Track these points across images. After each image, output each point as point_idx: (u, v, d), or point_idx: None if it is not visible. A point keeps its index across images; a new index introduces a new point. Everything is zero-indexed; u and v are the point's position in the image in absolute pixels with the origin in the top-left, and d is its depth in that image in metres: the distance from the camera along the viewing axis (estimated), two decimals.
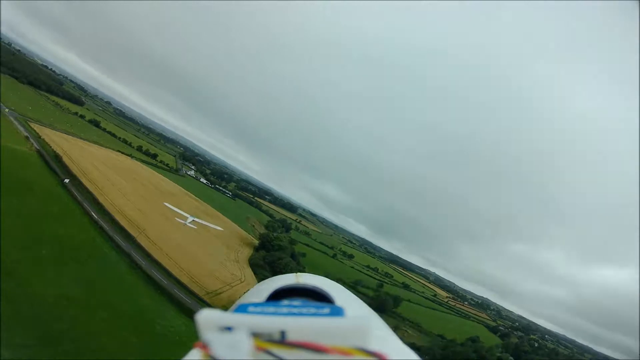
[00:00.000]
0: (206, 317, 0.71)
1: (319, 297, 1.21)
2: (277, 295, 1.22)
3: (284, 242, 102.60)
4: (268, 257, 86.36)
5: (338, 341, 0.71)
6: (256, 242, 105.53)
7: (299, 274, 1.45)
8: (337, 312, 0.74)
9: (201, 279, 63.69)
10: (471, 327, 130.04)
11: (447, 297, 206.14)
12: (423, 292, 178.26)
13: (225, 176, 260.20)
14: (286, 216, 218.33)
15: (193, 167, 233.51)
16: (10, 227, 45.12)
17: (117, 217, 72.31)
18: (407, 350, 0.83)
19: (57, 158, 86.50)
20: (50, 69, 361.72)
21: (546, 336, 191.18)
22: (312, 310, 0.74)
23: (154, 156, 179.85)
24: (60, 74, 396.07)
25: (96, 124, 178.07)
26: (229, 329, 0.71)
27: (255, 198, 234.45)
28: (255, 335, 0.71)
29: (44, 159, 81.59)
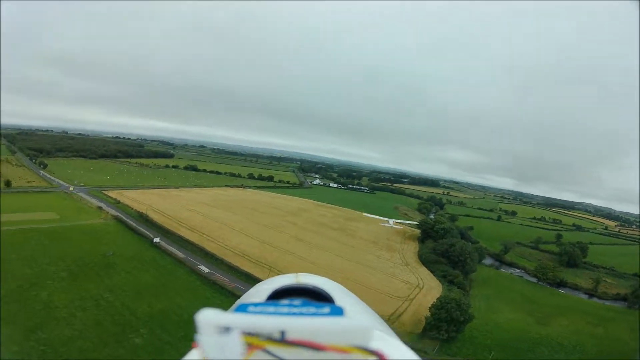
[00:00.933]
0: (206, 317, 0.77)
1: (319, 297, 1.34)
2: (277, 295, 1.35)
3: (446, 224, 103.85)
4: (438, 247, 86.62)
5: (338, 341, 0.76)
6: (417, 232, 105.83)
7: (299, 273, 1.56)
8: (337, 311, 0.82)
9: (375, 305, 51.82)
10: None
11: (616, 226, 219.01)
12: (594, 228, 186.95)
13: (354, 173, 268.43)
14: (433, 192, 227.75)
15: (317, 175, 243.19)
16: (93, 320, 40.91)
17: (236, 262, 66.74)
18: (406, 350, 0.91)
19: (143, 217, 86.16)
20: (124, 138, 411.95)
21: None
22: (312, 310, 0.83)
23: (270, 179, 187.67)
24: (137, 139, 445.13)
25: (193, 168, 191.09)
26: (228, 328, 0.77)
27: (394, 185, 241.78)
28: (255, 334, 0.77)
29: (124, 224, 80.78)
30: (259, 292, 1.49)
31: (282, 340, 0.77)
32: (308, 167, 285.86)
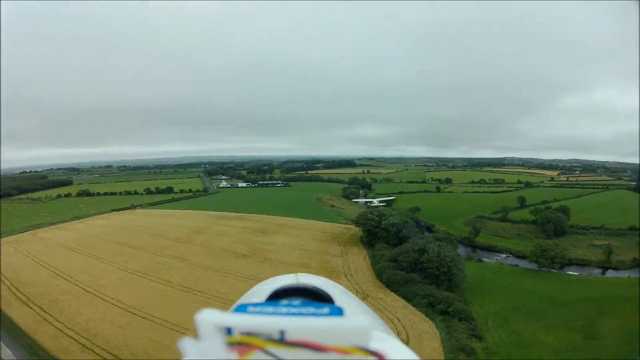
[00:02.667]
0: (206, 317, 0.79)
1: (319, 297, 1.35)
2: (277, 295, 1.36)
3: (394, 216, 74.31)
4: (401, 258, 57.62)
5: (338, 341, 0.78)
6: (356, 229, 77.85)
7: (298, 274, 1.59)
8: (337, 312, 0.84)
9: None
10: (618, 196, 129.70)
11: (559, 174, 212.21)
12: (542, 182, 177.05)
13: (265, 167, 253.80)
14: (351, 173, 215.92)
15: (223, 177, 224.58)
16: None
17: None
18: (406, 350, 0.92)
19: None
20: (31, 172, 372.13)
21: None
22: (312, 310, 0.85)
23: (169, 190, 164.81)
24: (43, 170, 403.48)
25: (87, 193, 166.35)
26: (228, 329, 0.78)
27: (308, 172, 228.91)
28: (255, 335, 0.79)
29: None
30: (259, 292, 1.49)
31: (282, 340, 0.78)
32: (214, 170, 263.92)
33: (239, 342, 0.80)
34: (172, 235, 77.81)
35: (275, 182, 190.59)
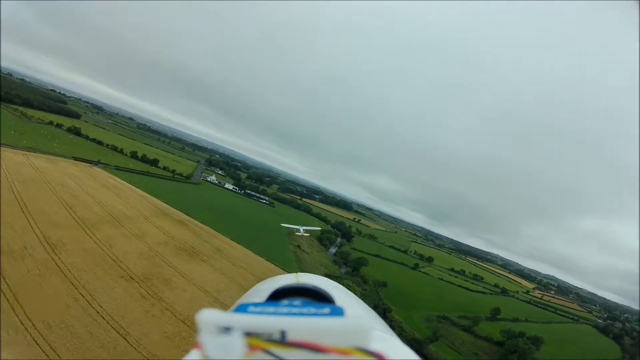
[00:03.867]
0: (206, 317, 0.80)
1: (319, 297, 1.34)
2: (277, 295, 1.35)
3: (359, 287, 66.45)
4: None
5: (338, 341, 0.80)
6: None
7: (299, 273, 1.59)
8: (337, 312, 0.83)
9: None
10: (585, 333, 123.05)
11: (534, 289, 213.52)
12: (517, 292, 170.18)
13: (267, 179, 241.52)
14: (342, 216, 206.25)
15: (220, 171, 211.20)
16: None
17: None
18: (407, 350, 0.92)
19: None
20: (59, 92, 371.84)
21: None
22: (312, 310, 0.83)
23: (152, 162, 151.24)
24: (71, 96, 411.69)
25: (76, 132, 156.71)
26: (228, 328, 0.80)
27: (303, 199, 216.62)
28: (255, 335, 0.80)
29: None
30: (259, 292, 1.49)
31: (283, 340, 0.79)
32: (217, 161, 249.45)
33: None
34: (82, 212, 62.17)
35: (262, 197, 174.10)
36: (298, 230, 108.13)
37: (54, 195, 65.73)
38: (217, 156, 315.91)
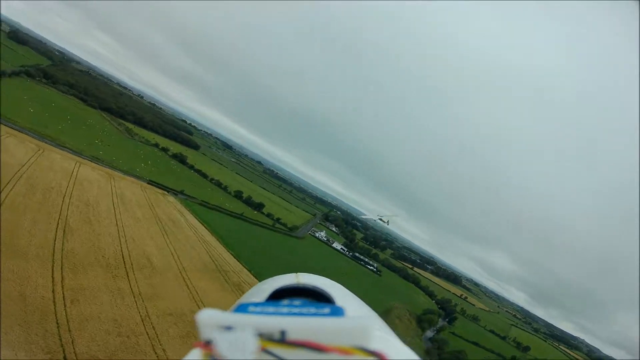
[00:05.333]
0: (207, 317, 0.78)
1: (319, 297, 1.35)
2: (278, 295, 1.37)
3: None
4: None
5: (338, 341, 0.78)
6: None
7: (299, 273, 1.59)
8: (338, 312, 0.81)
9: None
10: None
11: None
12: None
13: (383, 243, 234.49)
14: (449, 291, 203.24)
15: (335, 228, 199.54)
16: None
17: None
18: (407, 350, 0.93)
19: None
20: (189, 123, 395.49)
21: None
22: (313, 310, 0.82)
23: (258, 206, 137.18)
24: (202, 130, 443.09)
25: (181, 159, 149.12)
26: (229, 328, 0.79)
27: (414, 269, 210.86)
28: (256, 335, 0.79)
29: None
30: (259, 292, 1.50)
31: (283, 340, 0.79)
32: (336, 218, 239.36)
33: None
34: (81, 244, 41.54)
35: (370, 262, 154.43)
36: (375, 219, 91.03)
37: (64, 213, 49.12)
38: (338, 212, 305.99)
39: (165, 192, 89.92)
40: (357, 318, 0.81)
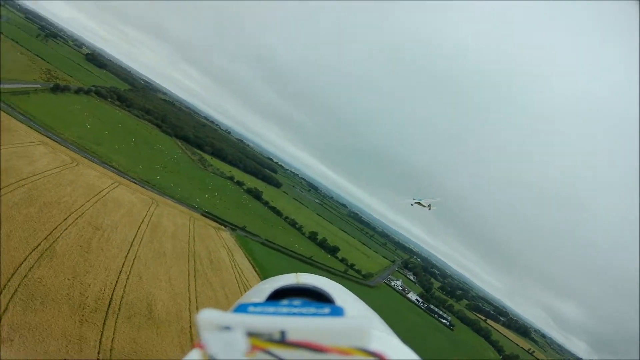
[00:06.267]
0: (206, 317, 0.79)
1: (319, 297, 1.37)
2: (277, 295, 1.38)
3: None
4: None
5: (338, 341, 0.77)
6: None
7: (299, 273, 1.60)
8: (337, 312, 0.84)
9: None
10: None
11: None
12: None
13: (459, 292, 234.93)
14: (518, 344, 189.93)
15: (413, 277, 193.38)
16: None
17: None
18: (407, 350, 0.93)
19: None
20: (276, 162, 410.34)
21: None
22: (312, 310, 0.85)
23: (332, 250, 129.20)
24: (288, 169, 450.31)
25: (255, 195, 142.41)
26: (228, 328, 0.79)
27: (488, 321, 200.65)
28: (255, 335, 0.79)
29: None
30: (259, 292, 1.50)
31: (283, 341, 0.78)
32: (415, 265, 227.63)
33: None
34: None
35: (443, 315, 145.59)
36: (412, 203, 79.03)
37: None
38: (418, 259, 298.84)
39: (222, 227, 79.27)
40: (357, 318, 0.80)
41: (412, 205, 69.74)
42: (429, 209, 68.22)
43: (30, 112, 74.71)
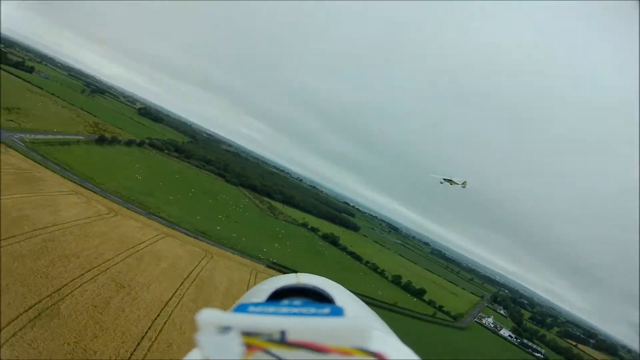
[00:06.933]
0: (206, 317, 0.79)
1: (319, 297, 1.37)
2: (278, 295, 1.38)
3: None
4: None
5: (338, 341, 0.79)
6: None
7: (299, 273, 1.61)
8: (337, 312, 0.82)
9: None
10: None
11: None
12: None
13: (549, 320, 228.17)
14: None
15: (503, 311, 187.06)
16: None
17: None
18: (407, 350, 0.93)
19: None
20: (352, 205, 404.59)
21: None
22: (312, 310, 0.83)
23: (418, 293, 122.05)
24: (366, 212, 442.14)
25: (332, 240, 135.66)
26: (228, 328, 0.80)
27: (578, 346, 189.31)
28: (255, 335, 0.80)
29: None
30: (259, 292, 1.51)
31: (283, 341, 0.79)
32: (504, 298, 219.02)
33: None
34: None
35: (537, 349, 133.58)
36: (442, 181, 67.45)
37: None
38: (505, 291, 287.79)
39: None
40: (356, 318, 0.81)
41: (441, 183, 60.39)
42: (463, 186, 59.71)
43: (67, 162, 72.33)
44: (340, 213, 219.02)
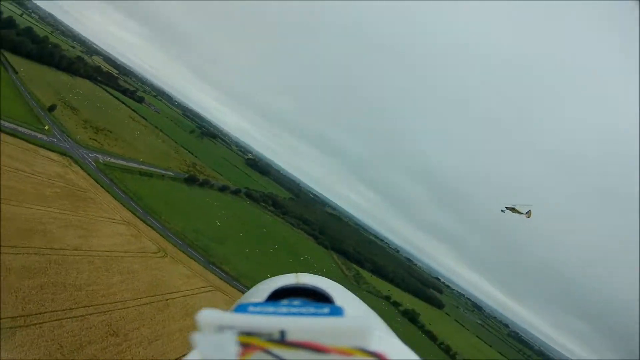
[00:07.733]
0: (206, 317, 0.80)
1: (319, 297, 1.35)
2: (277, 295, 1.38)
3: None
4: None
5: (338, 341, 0.80)
6: None
7: (299, 273, 1.60)
8: (337, 312, 0.83)
9: None
10: None
11: None
12: None
13: None
14: None
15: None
16: None
17: None
18: (407, 350, 0.93)
19: None
20: (442, 281, 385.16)
21: None
22: (312, 310, 0.84)
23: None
24: (455, 290, 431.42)
25: (412, 317, 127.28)
26: (227, 328, 0.81)
27: None
28: (255, 334, 0.81)
29: None
30: (259, 292, 1.49)
31: (283, 340, 0.80)
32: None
33: (240, 342, 0.81)
34: None
35: None
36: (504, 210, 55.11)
37: None
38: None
39: None
40: (356, 318, 0.82)
41: (502, 211, 53.08)
42: (528, 216, 50.91)
43: (137, 192, 70.09)
44: (428, 288, 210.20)
